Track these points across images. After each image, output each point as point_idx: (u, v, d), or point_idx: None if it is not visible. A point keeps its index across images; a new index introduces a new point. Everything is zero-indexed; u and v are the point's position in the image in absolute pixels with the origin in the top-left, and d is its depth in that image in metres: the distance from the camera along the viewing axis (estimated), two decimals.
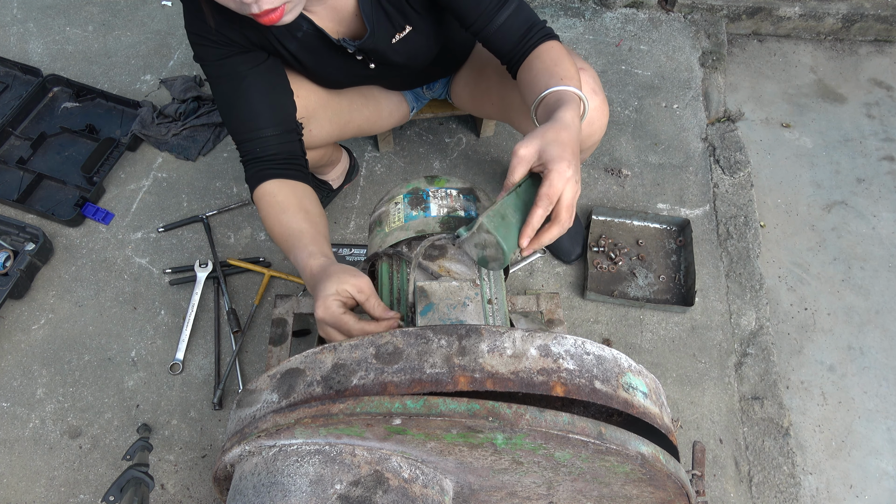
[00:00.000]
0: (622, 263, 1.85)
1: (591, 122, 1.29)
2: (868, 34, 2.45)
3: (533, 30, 1.15)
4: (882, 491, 1.60)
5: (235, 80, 1.17)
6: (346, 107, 1.47)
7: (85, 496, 1.48)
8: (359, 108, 1.51)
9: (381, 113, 1.59)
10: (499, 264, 0.97)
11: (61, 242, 1.83)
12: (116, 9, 2.33)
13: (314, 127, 1.39)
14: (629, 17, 2.40)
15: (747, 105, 2.28)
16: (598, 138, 1.35)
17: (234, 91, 1.17)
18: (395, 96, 1.62)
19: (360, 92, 1.51)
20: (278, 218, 1.13)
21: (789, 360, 1.77)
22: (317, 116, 1.38)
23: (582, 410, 0.85)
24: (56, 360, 1.65)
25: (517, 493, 0.80)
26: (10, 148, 1.97)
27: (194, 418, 1.58)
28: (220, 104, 1.19)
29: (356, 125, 1.53)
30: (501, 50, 1.18)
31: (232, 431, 0.76)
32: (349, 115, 1.49)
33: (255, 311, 1.72)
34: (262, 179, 1.17)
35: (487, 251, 0.95)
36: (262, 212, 1.16)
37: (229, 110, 1.18)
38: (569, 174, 0.89)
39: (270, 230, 1.14)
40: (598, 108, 1.28)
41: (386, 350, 0.73)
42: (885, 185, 2.11)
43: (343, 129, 1.49)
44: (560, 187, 0.89)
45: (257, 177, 1.18)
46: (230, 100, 1.18)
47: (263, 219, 1.16)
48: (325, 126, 1.42)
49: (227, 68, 1.16)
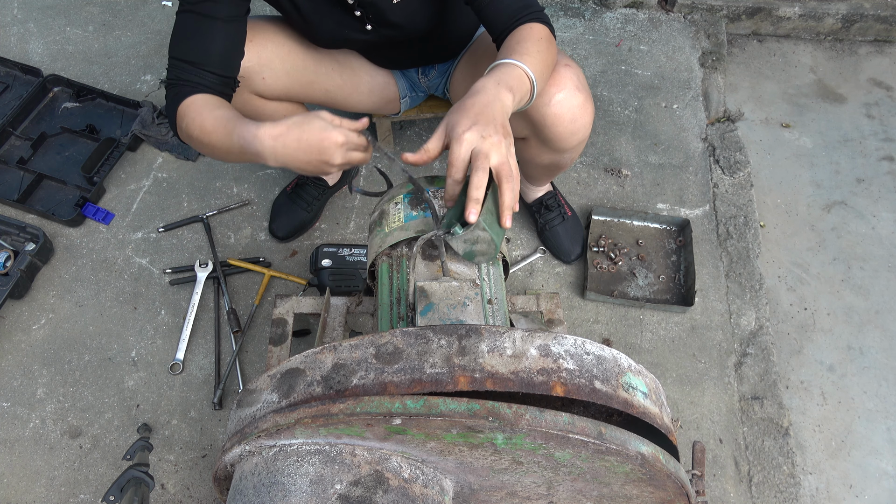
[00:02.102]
0: (622, 263, 1.85)
1: (573, 120, 1.29)
2: (868, 34, 2.46)
3: (526, 10, 1.16)
4: (882, 491, 1.60)
5: (206, 19, 1.16)
6: (311, 65, 1.45)
7: (85, 496, 1.48)
8: (328, 73, 1.49)
9: (358, 87, 1.56)
10: (486, 258, 1.00)
11: (61, 242, 1.83)
12: (116, 9, 2.33)
13: (268, 75, 1.37)
14: (629, 17, 2.41)
15: (747, 105, 2.28)
16: (582, 136, 1.35)
17: (201, 25, 1.16)
18: (380, 76, 1.58)
19: (335, 58, 1.49)
20: (212, 112, 1.10)
21: (789, 360, 1.77)
22: (272, 66, 1.37)
23: (582, 410, 0.85)
24: (56, 360, 1.65)
25: (517, 493, 0.80)
26: (10, 148, 1.97)
27: (194, 418, 1.58)
28: (178, 29, 1.18)
29: (323, 89, 1.50)
30: (493, 24, 1.19)
31: (232, 431, 0.76)
32: (314, 76, 1.46)
33: (255, 311, 1.72)
34: (192, 93, 1.15)
35: (478, 246, 0.97)
36: (190, 115, 1.12)
37: (183, 38, 1.17)
38: (466, 136, 0.92)
39: (201, 125, 1.10)
40: (582, 105, 1.28)
41: (386, 350, 0.73)
42: (885, 185, 2.11)
43: (307, 88, 1.47)
44: (458, 152, 0.92)
45: (184, 93, 1.15)
46: (192, 31, 1.17)
47: (190, 122, 1.12)
48: (282, 78, 1.40)
49: (206, 4, 1.16)
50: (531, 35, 1.13)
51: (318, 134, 0.96)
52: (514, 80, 1.03)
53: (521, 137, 1.42)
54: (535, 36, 1.12)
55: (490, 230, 0.94)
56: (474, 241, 0.96)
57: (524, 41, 1.11)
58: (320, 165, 0.99)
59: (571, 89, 1.25)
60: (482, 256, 0.99)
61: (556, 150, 1.40)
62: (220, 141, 1.08)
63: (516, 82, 1.03)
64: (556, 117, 1.27)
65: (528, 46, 1.09)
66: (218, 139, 1.08)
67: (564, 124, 1.29)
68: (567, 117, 1.28)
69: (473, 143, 0.93)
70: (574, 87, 1.25)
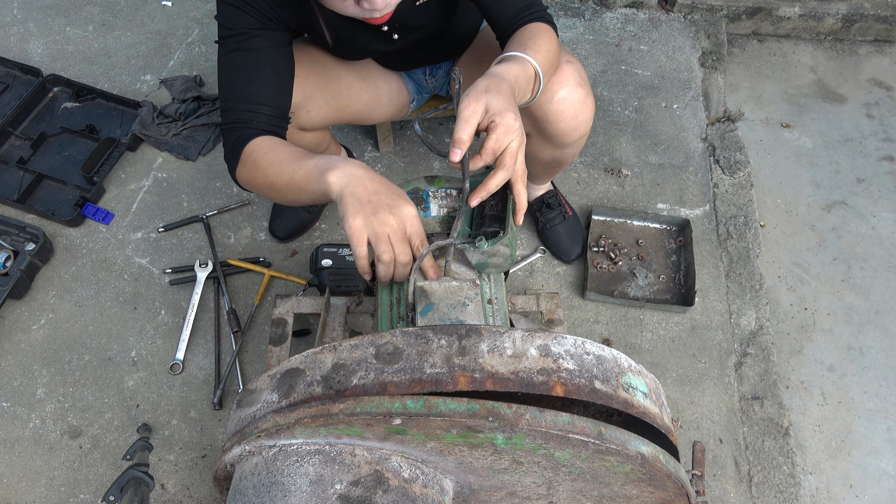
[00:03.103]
0: (622, 263, 1.85)
1: (575, 115, 1.30)
2: (868, 34, 2.46)
3: (530, 9, 1.18)
4: (882, 491, 1.60)
5: (254, 53, 1.15)
6: (345, 90, 1.47)
7: (85, 496, 1.48)
8: (357, 93, 1.50)
9: (380, 98, 1.58)
10: (498, 270, 1.02)
11: (61, 242, 1.83)
12: (116, 9, 2.33)
13: (312, 108, 1.39)
14: (629, 17, 2.41)
15: (747, 105, 2.28)
16: (584, 131, 1.36)
17: (249, 63, 1.16)
18: (395, 82, 1.60)
19: (359, 75, 1.50)
20: (288, 148, 1.07)
21: (789, 360, 1.77)
22: (315, 98, 1.38)
23: (582, 410, 0.85)
24: (56, 360, 1.65)
25: (517, 493, 0.80)
26: (10, 148, 1.97)
27: (194, 418, 1.58)
28: (226, 70, 1.16)
29: (354, 110, 1.52)
30: (497, 21, 1.21)
31: (232, 431, 0.76)
32: (348, 99, 1.48)
33: (255, 311, 1.72)
34: (254, 137, 1.13)
35: (494, 259, 0.99)
36: (253, 157, 1.09)
37: (234, 78, 1.16)
38: (515, 126, 0.93)
39: (272, 161, 1.06)
40: (583, 100, 1.29)
41: (386, 350, 0.73)
42: (885, 185, 2.11)
43: (341, 112, 1.49)
44: (505, 141, 0.93)
45: (247, 136, 1.13)
46: (240, 69, 1.16)
47: (258, 160, 1.08)
48: (324, 108, 1.42)
49: (251, 41, 1.15)
50: (536, 33, 1.14)
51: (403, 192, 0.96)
52: (523, 72, 1.05)
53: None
54: (540, 34, 1.14)
55: (510, 245, 0.95)
56: (493, 254, 0.97)
57: (531, 38, 1.13)
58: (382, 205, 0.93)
59: (573, 85, 1.27)
60: (495, 269, 1.01)
61: (558, 146, 1.41)
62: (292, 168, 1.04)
63: (524, 75, 1.05)
64: (559, 113, 1.29)
65: (534, 43, 1.11)
66: (291, 167, 1.04)
67: (567, 120, 1.30)
68: (569, 113, 1.29)
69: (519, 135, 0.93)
70: (576, 83, 1.27)
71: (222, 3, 1.14)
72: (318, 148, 1.60)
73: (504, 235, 0.95)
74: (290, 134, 1.41)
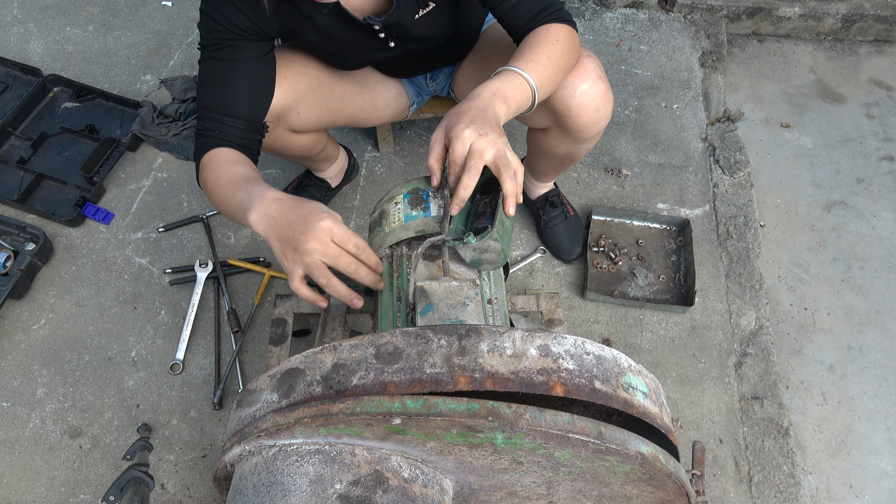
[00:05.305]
0: (622, 263, 1.85)
1: (597, 109, 1.30)
2: (868, 34, 2.46)
3: (546, 10, 1.17)
4: (882, 491, 1.60)
5: (230, 63, 1.17)
6: (338, 93, 1.46)
7: (85, 496, 1.48)
8: (352, 96, 1.50)
9: (376, 103, 1.57)
10: (493, 267, 1.02)
11: (61, 242, 1.83)
12: (116, 9, 2.33)
13: (303, 110, 1.38)
14: (629, 17, 2.41)
15: (747, 105, 2.28)
16: (603, 125, 1.36)
17: (224, 71, 1.18)
18: (393, 88, 1.60)
19: (355, 80, 1.50)
20: (230, 169, 1.11)
21: (789, 360, 1.77)
22: (306, 100, 1.38)
23: (582, 410, 0.85)
24: (56, 360, 1.65)
25: (517, 493, 0.80)
26: (10, 148, 1.97)
27: (194, 418, 1.58)
28: (202, 77, 1.19)
29: (348, 113, 1.52)
30: (513, 27, 1.21)
31: (232, 431, 0.76)
32: (341, 102, 1.48)
33: (255, 311, 1.72)
34: (215, 147, 1.17)
35: (486, 255, 0.99)
36: (207, 168, 1.14)
37: (210, 86, 1.19)
38: (466, 133, 0.96)
39: (216, 181, 1.11)
40: (604, 94, 1.29)
41: (386, 350, 0.73)
42: (885, 185, 2.11)
43: (334, 115, 1.48)
44: (460, 149, 0.96)
45: (209, 144, 1.17)
46: (216, 77, 1.18)
47: (208, 174, 1.13)
48: (315, 111, 1.41)
49: (225, 50, 1.17)
50: (546, 39, 1.13)
51: (314, 208, 0.97)
52: (513, 90, 1.05)
53: (541, 128, 1.43)
54: (551, 39, 1.13)
55: (501, 241, 0.95)
56: (484, 250, 0.97)
57: (535, 46, 1.12)
58: (297, 237, 0.95)
59: (595, 79, 1.26)
60: (489, 265, 1.01)
61: (577, 140, 1.41)
62: (226, 197, 1.09)
63: (514, 92, 1.05)
64: (581, 107, 1.28)
65: (537, 52, 1.10)
66: (226, 196, 1.09)
67: (588, 114, 1.30)
68: (591, 107, 1.29)
69: (471, 139, 0.96)
70: (597, 76, 1.26)
71: (201, 11, 1.17)
72: (313, 150, 1.60)
73: (492, 230, 0.95)
74: (282, 136, 1.41)
